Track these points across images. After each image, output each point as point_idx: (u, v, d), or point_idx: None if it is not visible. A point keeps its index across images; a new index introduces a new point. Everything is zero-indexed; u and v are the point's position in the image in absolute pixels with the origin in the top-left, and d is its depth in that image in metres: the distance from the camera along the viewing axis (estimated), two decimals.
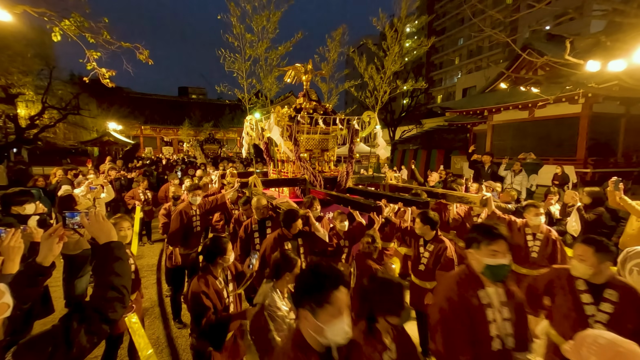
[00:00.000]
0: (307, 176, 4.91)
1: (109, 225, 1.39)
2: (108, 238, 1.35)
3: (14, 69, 12.02)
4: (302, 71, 5.70)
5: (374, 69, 9.91)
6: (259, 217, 3.60)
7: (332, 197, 4.40)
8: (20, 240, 1.71)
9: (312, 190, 4.85)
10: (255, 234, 3.60)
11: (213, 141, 24.93)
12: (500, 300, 1.70)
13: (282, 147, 4.95)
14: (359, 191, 5.04)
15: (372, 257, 2.98)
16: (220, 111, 34.62)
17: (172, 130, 33.15)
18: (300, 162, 4.95)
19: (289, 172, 5.53)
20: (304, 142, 5.36)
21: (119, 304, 1.21)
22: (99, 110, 20.72)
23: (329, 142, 5.72)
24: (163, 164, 16.70)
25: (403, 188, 5.53)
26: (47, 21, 4.65)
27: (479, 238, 1.70)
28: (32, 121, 15.21)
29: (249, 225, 3.62)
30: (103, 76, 5.51)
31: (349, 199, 4.01)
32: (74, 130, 19.33)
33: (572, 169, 10.12)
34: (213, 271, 2.34)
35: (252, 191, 4.30)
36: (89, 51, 5.23)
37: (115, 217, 2.81)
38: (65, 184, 5.62)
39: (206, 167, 11.19)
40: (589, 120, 10.64)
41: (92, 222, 1.36)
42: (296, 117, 4.84)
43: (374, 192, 4.91)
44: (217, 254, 2.33)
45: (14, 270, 1.66)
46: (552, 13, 13.87)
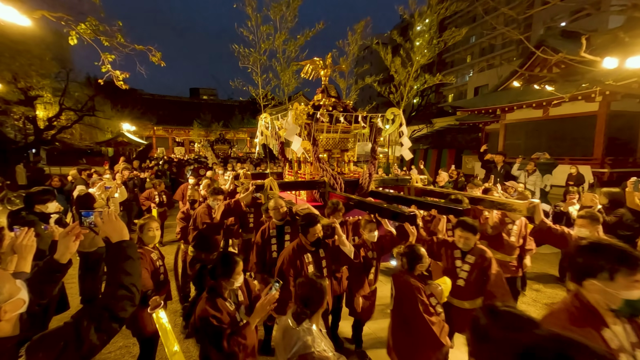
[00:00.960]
0: (327, 178, 4.52)
1: (121, 225, 1.41)
2: (120, 237, 1.38)
3: (33, 72, 12.40)
4: (320, 65, 5.34)
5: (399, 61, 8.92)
6: (277, 219, 3.34)
7: (355, 202, 3.98)
8: (33, 239, 1.76)
9: (332, 194, 4.49)
10: (273, 240, 3.33)
11: (223, 141, 25.21)
12: (630, 340, 1.30)
13: (299, 150, 4.54)
14: (383, 195, 4.63)
15: (414, 275, 2.49)
16: (230, 112, 35.00)
17: (183, 130, 33.68)
18: (319, 163, 4.60)
19: (307, 174, 5.18)
20: (323, 141, 5.01)
21: (129, 302, 1.23)
22: (113, 111, 21.19)
23: (349, 142, 5.32)
24: (175, 163, 16.98)
25: (430, 191, 5.02)
26: (64, 25, 4.79)
27: (610, 266, 1.28)
28: (50, 122, 15.67)
29: (266, 230, 3.35)
30: (117, 78, 5.65)
31: (378, 206, 3.51)
32: (89, 131, 19.83)
33: (589, 169, 9.83)
34: (222, 292, 2.04)
35: (268, 194, 4.08)
36: (103, 54, 5.37)
37: (144, 218, 2.88)
38: (80, 184, 5.77)
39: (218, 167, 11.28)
40: (607, 118, 10.31)
41: (106, 221, 1.40)
42: (315, 114, 4.47)
43: (401, 197, 4.36)
44: (222, 275, 2.02)
45: (26, 269, 1.71)
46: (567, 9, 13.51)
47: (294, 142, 4.32)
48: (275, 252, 3.25)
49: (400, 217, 3.10)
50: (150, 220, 2.83)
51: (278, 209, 3.31)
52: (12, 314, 1.10)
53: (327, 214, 3.34)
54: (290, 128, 4.27)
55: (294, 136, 4.26)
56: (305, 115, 4.56)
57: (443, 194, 4.51)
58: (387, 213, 3.29)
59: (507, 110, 12.86)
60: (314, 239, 2.66)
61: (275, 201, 3.37)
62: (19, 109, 13.87)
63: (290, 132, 4.26)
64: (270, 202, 3.38)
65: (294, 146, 4.37)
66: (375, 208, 3.48)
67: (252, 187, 4.08)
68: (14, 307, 1.10)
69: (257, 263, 3.35)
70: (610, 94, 9.33)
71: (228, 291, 2.06)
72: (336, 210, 3.37)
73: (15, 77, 11.92)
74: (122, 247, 1.35)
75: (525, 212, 3.17)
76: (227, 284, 2.02)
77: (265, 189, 4.19)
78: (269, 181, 4.20)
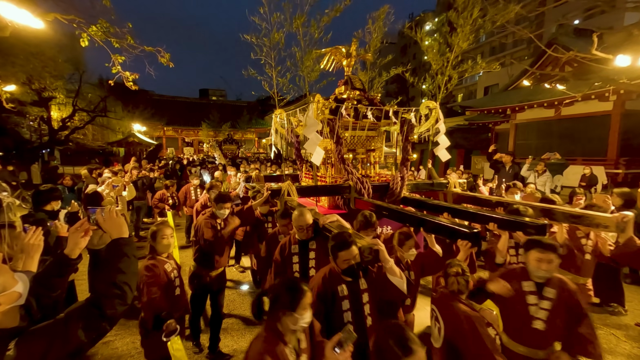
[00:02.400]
0: (352, 182, 3.90)
1: (121, 221, 1.42)
2: (119, 234, 1.38)
3: (47, 74, 12.73)
4: (343, 54, 4.70)
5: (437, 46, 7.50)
6: (301, 236, 2.72)
7: (389, 211, 3.28)
8: (41, 238, 1.80)
9: (358, 201, 3.85)
10: (295, 257, 2.73)
11: (232, 142, 25.41)
12: None
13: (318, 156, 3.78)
14: (420, 203, 3.93)
15: (462, 299, 1.99)
16: (238, 112, 35.34)
17: (192, 131, 34.08)
18: (343, 165, 3.98)
19: (328, 177, 4.52)
20: (347, 139, 4.40)
21: (119, 301, 1.21)
22: (124, 112, 21.62)
23: (375, 141, 4.64)
24: (184, 163, 17.14)
25: (473, 199, 4.20)
26: (76, 27, 4.90)
27: None
28: (63, 123, 16.08)
29: (287, 245, 2.76)
30: (127, 79, 5.76)
31: (425, 219, 2.74)
32: (101, 131, 20.29)
33: (602, 170, 9.60)
34: (281, 331, 1.51)
35: (286, 201, 3.52)
36: (114, 55, 5.48)
37: (157, 224, 2.58)
38: (92, 183, 5.90)
39: (225, 167, 11.02)
40: (621, 118, 10.06)
41: (107, 218, 1.41)
42: (339, 108, 3.86)
43: (445, 206, 3.43)
44: (284, 306, 1.50)
45: (33, 268, 1.75)
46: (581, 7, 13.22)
47: (312, 140, 3.66)
48: (298, 272, 2.70)
49: (458, 234, 2.34)
50: (163, 227, 2.54)
51: (303, 228, 2.65)
52: (7, 306, 1.11)
53: (357, 228, 2.79)
54: (311, 123, 3.63)
55: (314, 134, 3.64)
56: (328, 110, 3.97)
57: (491, 202, 3.75)
58: (440, 229, 2.54)
59: (517, 109, 12.65)
60: (346, 266, 2.00)
61: (299, 217, 2.65)
62: (34, 110, 14.26)
63: (311, 129, 3.62)
64: (294, 216, 2.69)
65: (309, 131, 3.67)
66: (420, 221, 2.74)
67: (267, 193, 3.59)
68: (8, 299, 1.12)
69: None
70: (624, 92, 9.10)
71: (289, 333, 1.53)
72: (369, 224, 2.79)
73: (29, 78, 12.26)
74: (119, 244, 1.35)
75: (613, 228, 2.52)
76: (290, 320, 1.49)
77: (282, 195, 3.65)
78: (286, 186, 3.67)
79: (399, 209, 3.32)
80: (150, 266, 2.42)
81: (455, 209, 3.26)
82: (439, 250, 2.77)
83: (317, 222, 2.71)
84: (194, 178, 6.83)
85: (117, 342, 3.40)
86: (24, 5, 4.22)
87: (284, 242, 2.81)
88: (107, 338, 3.44)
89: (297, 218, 2.65)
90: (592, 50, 4.96)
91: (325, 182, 4.52)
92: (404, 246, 2.61)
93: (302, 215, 2.65)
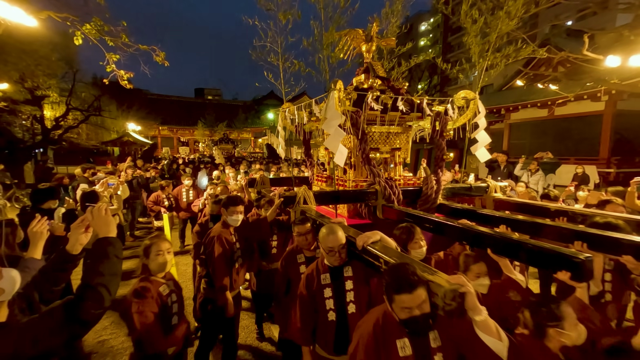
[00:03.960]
0: (380, 187, 3.27)
1: (109, 220, 1.39)
2: (105, 233, 1.35)
3: (40, 72, 12.61)
4: (362, 37, 4.00)
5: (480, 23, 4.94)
6: (332, 262, 2.01)
7: (433, 224, 2.61)
8: (45, 226, 1.81)
9: (387, 209, 3.23)
10: (327, 290, 2.00)
11: (227, 141, 25.34)
12: None
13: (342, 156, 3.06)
14: (461, 211, 3.20)
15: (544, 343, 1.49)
16: (234, 112, 35.30)
17: (188, 130, 33.92)
18: (368, 166, 3.37)
19: (349, 181, 3.79)
20: (375, 136, 3.73)
21: (95, 304, 1.16)
22: (119, 111, 21.46)
23: (400, 138, 3.92)
24: (180, 163, 17.02)
25: (522, 206, 3.43)
26: (70, 26, 4.87)
27: None
28: (57, 122, 15.91)
29: (314, 275, 2.06)
30: (122, 78, 5.74)
31: (499, 236, 2.06)
32: (95, 130, 20.11)
33: (594, 169, 9.74)
34: None
35: (303, 210, 2.90)
36: (108, 54, 5.46)
37: (151, 237, 2.17)
38: (83, 182, 5.86)
39: (225, 168, 10.51)
40: (613, 118, 10.21)
41: (96, 215, 1.39)
42: (365, 98, 3.19)
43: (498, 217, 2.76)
44: None
45: (37, 255, 1.77)
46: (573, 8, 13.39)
47: (334, 136, 2.93)
48: (333, 310, 1.98)
49: (565, 263, 1.61)
50: (159, 241, 2.11)
51: (335, 250, 1.94)
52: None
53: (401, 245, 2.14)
54: (332, 115, 2.91)
55: (336, 129, 2.92)
56: (349, 101, 3.30)
57: (548, 211, 3.03)
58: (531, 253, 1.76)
59: (511, 109, 12.78)
60: (407, 316, 1.35)
61: (328, 236, 1.96)
62: (26, 109, 14.10)
63: (332, 123, 2.91)
64: (322, 235, 2.01)
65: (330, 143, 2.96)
66: (492, 240, 2.03)
67: (279, 201, 2.97)
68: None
69: (302, 328, 2.06)
70: (616, 93, 9.24)
71: None
72: (411, 237, 2.21)
73: (22, 76, 12.13)
74: (103, 243, 1.31)
75: None
76: None
77: (297, 203, 2.98)
78: (302, 192, 3.00)
79: (452, 222, 2.49)
80: (139, 290, 1.95)
81: (517, 220, 2.57)
82: (522, 280, 2.07)
83: (350, 241, 2.04)
84: (186, 178, 6.42)
85: (112, 340, 3.39)
86: (17, 3, 4.19)
87: (309, 272, 2.10)
88: (102, 337, 3.44)
89: (327, 237, 1.97)
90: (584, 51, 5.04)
91: (345, 186, 3.81)
92: (468, 272, 1.97)
93: (332, 233, 1.96)
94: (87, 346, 3.27)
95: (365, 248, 1.89)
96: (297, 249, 2.59)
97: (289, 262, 2.59)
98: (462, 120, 3.74)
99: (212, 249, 2.70)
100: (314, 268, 2.11)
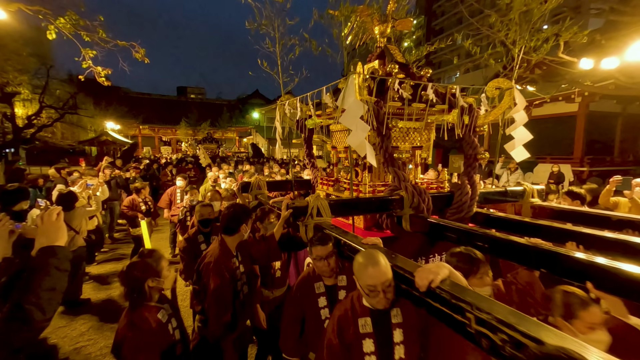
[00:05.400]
0: (407, 194, 2.65)
1: (58, 226, 1.23)
2: (51, 241, 1.18)
3: (10, 68, 12.02)
4: (375, 17, 3.33)
5: None
6: (375, 304, 1.46)
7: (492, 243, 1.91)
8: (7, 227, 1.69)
9: (415, 220, 2.61)
10: (367, 342, 1.47)
11: (211, 140, 24.90)
12: None
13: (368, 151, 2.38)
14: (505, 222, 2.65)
15: None
16: (218, 111, 34.76)
17: (170, 129, 33.18)
18: (392, 168, 2.77)
19: (364, 185, 3.09)
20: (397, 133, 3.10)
21: (22, 326, 1.02)
22: (96, 109, 20.72)
23: (422, 134, 3.32)
24: (162, 163, 16.57)
25: (574, 214, 2.88)
26: (42, 19, 4.66)
27: None
28: (29, 121, 15.18)
29: (349, 318, 1.53)
30: (99, 74, 5.54)
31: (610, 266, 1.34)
32: (71, 129, 19.31)
33: (569, 168, 10.18)
34: None
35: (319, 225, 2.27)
36: (84, 49, 5.26)
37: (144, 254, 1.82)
38: (60, 183, 5.62)
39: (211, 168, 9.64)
40: (586, 119, 10.69)
41: (45, 219, 1.21)
42: (387, 83, 2.70)
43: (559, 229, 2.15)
44: None
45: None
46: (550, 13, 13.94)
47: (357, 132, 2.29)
48: None
49: None
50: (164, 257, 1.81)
51: (377, 290, 1.39)
52: None
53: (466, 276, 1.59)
54: (353, 105, 2.29)
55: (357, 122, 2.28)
56: (366, 90, 2.77)
57: (609, 220, 2.50)
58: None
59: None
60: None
61: (371, 267, 1.40)
62: None
63: (353, 114, 2.28)
64: (358, 265, 1.46)
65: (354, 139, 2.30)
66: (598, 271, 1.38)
67: (287, 213, 2.31)
68: None
69: None
70: (588, 95, 9.67)
71: None
72: (474, 269, 1.67)
73: None
74: (46, 253, 1.14)
75: None
76: None
77: (309, 215, 2.29)
78: (314, 201, 2.33)
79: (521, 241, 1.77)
80: (136, 322, 1.59)
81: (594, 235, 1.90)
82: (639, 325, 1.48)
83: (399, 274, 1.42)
84: (180, 179, 5.89)
85: (90, 347, 3.26)
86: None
87: (342, 313, 1.55)
88: (79, 343, 3.30)
89: (365, 271, 1.40)
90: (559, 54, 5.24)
91: (360, 192, 3.11)
92: (574, 319, 1.38)
93: (373, 264, 1.39)
94: (63, 354, 3.12)
95: (432, 291, 1.21)
96: (315, 276, 2.01)
97: (305, 292, 2.00)
98: (496, 114, 3.17)
99: (207, 280, 2.05)
100: (347, 307, 1.55)
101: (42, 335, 3.52)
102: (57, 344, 3.25)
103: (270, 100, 34.87)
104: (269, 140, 30.00)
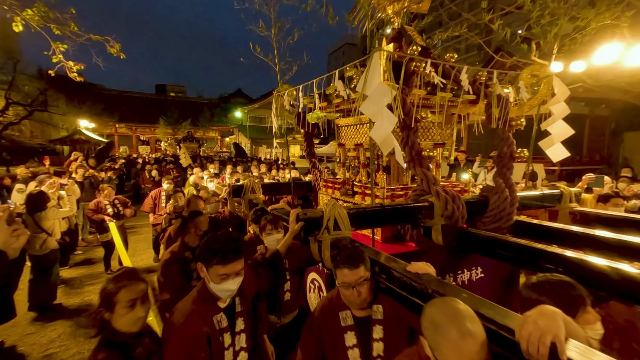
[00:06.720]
0: (438, 200, 2.19)
1: None
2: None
3: None
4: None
5: None
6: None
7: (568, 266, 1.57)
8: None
9: (448, 231, 2.20)
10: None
11: (192, 140, 24.37)
12: None
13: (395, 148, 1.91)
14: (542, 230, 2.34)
15: None
16: (199, 110, 34.02)
17: (149, 128, 32.13)
18: (420, 170, 2.28)
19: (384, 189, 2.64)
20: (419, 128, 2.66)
21: None
22: (69, 107, 19.78)
23: (446, 130, 2.96)
24: (141, 163, 16.03)
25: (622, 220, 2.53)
26: (7, 10, 4.41)
27: None
28: None
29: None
30: (70, 69, 5.30)
31: None
32: (41, 127, 18.40)
33: (542, 167, 10.63)
34: None
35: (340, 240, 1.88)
36: (54, 43, 5.02)
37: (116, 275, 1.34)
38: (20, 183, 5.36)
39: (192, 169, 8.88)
40: None
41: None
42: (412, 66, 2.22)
43: None
44: None
45: None
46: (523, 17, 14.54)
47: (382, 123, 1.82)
48: None
49: None
50: (130, 285, 1.29)
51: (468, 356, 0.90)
52: None
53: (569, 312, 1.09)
54: (377, 90, 1.81)
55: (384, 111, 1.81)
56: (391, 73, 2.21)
57: None
58: None
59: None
60: None
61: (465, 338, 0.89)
62: None
63: (377, 101, 1.80)
64: (455, 339, 0.90)
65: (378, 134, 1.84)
66: None
67: (298, 226, 1.88)
68: None
69: None
70: None
71: None
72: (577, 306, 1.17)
73: None
74: None
75: None
76: None
77: (324, 229, 1.88)
78: (330, 211, 1.89)
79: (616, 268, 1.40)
80: None
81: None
82: None
83: None
84: (167, 181, 5.34)
85: (61, 354, 3.11)
86: None
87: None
88: (49, 350, 3.15)
89: (461, 344, 0.90)
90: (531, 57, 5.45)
91: (376, 196, 2.62)
92: None
93: (469, 334, 0.91)
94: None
95: None
96: (340, 304, 1.51)
97: (326, 323, 1.52)
98: (536, 103, 2.80)
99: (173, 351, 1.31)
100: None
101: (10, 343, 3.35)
102: (25, 352, 3.09)
103: (253, 100, 34.46)
104: (252, 139, 29.64)
